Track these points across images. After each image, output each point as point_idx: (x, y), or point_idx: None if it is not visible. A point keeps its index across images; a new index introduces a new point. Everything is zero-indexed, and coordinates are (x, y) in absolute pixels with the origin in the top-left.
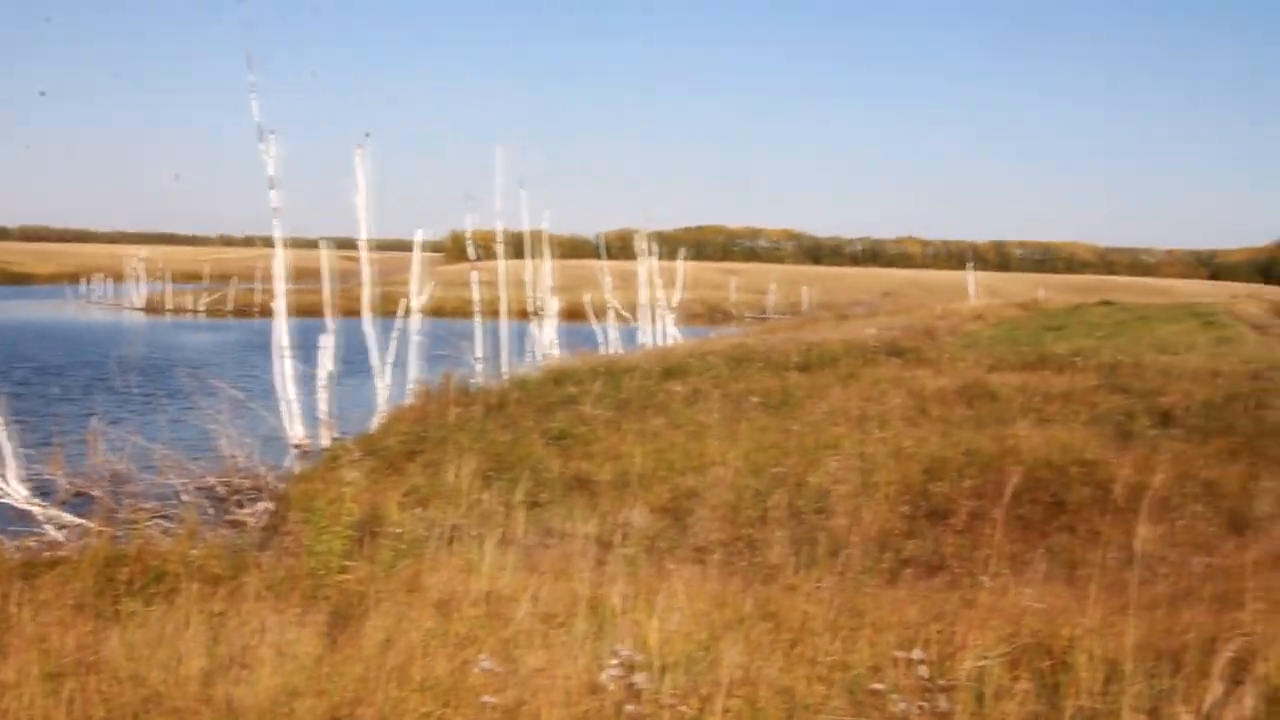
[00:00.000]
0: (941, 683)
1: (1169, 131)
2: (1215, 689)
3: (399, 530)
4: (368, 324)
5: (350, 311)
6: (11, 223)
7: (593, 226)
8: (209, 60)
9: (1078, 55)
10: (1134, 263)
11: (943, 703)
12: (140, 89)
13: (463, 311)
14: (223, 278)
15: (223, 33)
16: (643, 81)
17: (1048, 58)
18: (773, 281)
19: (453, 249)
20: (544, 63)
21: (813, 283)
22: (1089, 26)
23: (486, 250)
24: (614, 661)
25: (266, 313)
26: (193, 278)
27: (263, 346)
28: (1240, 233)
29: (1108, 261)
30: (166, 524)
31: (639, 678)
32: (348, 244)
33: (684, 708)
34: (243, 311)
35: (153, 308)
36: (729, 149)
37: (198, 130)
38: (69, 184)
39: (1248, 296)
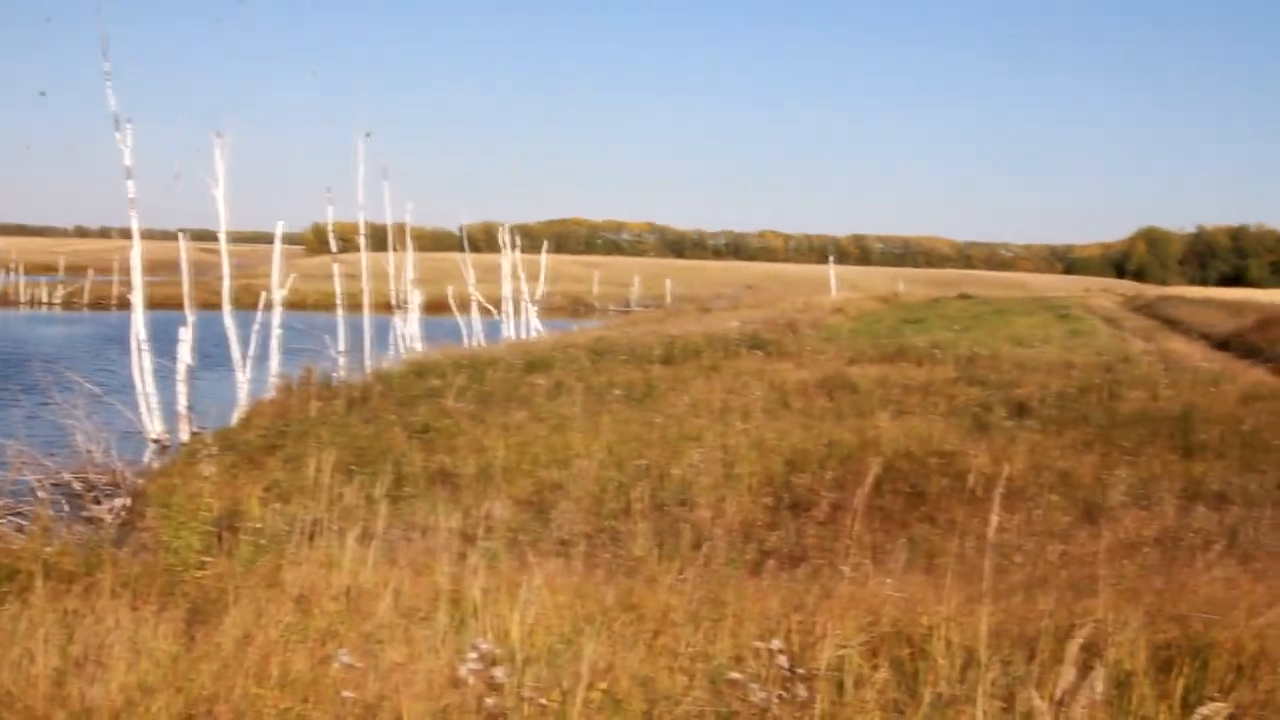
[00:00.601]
0: (801, 672)
1: (1025, 129)
2: (1068, 674)
3: (259, 525)
4: (228, 317)
5: (210, 304)
6: None
7: (455, 219)
8: (61, 46)
9: (934, 54)
10: (991, 257)
11: (802, 692)
12: None
13: (325, 304)
14: (78, 270)
15: (75, 20)
16: (501, 76)
17: (904, 56)
18: (635, 274)
19: (314, 241)
20: (404, 56)
21: (675, 276)
22: (945, 25)
23: (349, 243)
24: (474, 655)
25: (124, 305)
26: (47, 270)
27: (120, 340)
28: (1094, 229)
29: (966, 256)
30: (20, 521)
31: (499, 671)
32: (207, 236)
33: (544, 700)
34: (99, 304)
35: (5, 300)
36: (591, 142)
37: (51, 117)
38: None
39: (1100, 290)
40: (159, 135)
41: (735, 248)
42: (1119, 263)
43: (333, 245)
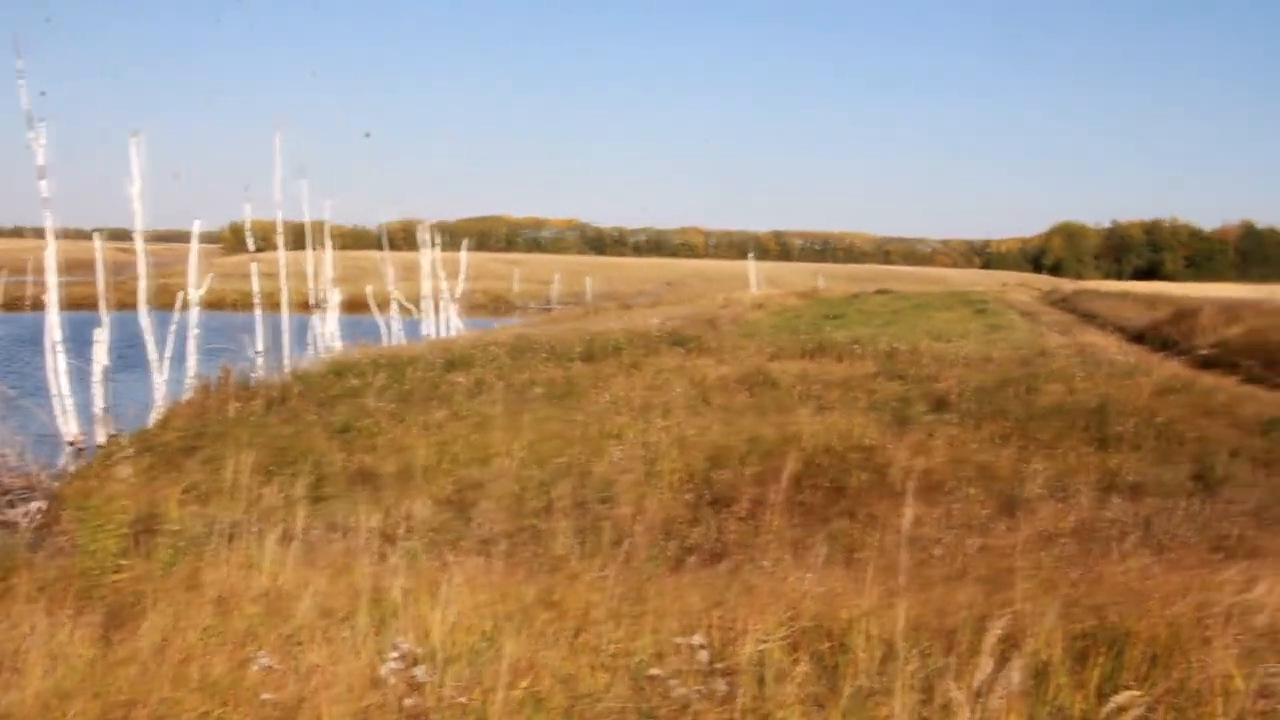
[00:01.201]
0: (722, 667)
1: (942, 125)
2: (985, 665)
3: (177, 528)
4: (144, 317)
5: (126, 304)
6: None
7: (374, 217)
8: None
9: (852, 50)
10: (911, 252)
11: (723, 686)
12: None
13: (243, 304)
14: None
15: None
16: (420, 72)
17: (822, 52)
18: (556, 272)
19: (232, 240)
20: (324, 52)
21: (596, 273)
22: (864, 20)
23: (266, 241)
24: (395, 655)
25: (38, 306)
26: None
27: (34, 341)
28: (1012, 224)
29: (885, 251)
30: None
31: (420, 670)
32: (123, 235)
33: (464, 699)
34: (13, 305)
35: None
36: (511, 140)
37: None
38: None
39: (1018, 285)
40: (73, 134)
41: (656, 244)
42: (1036, 257)
43: (250, 244)
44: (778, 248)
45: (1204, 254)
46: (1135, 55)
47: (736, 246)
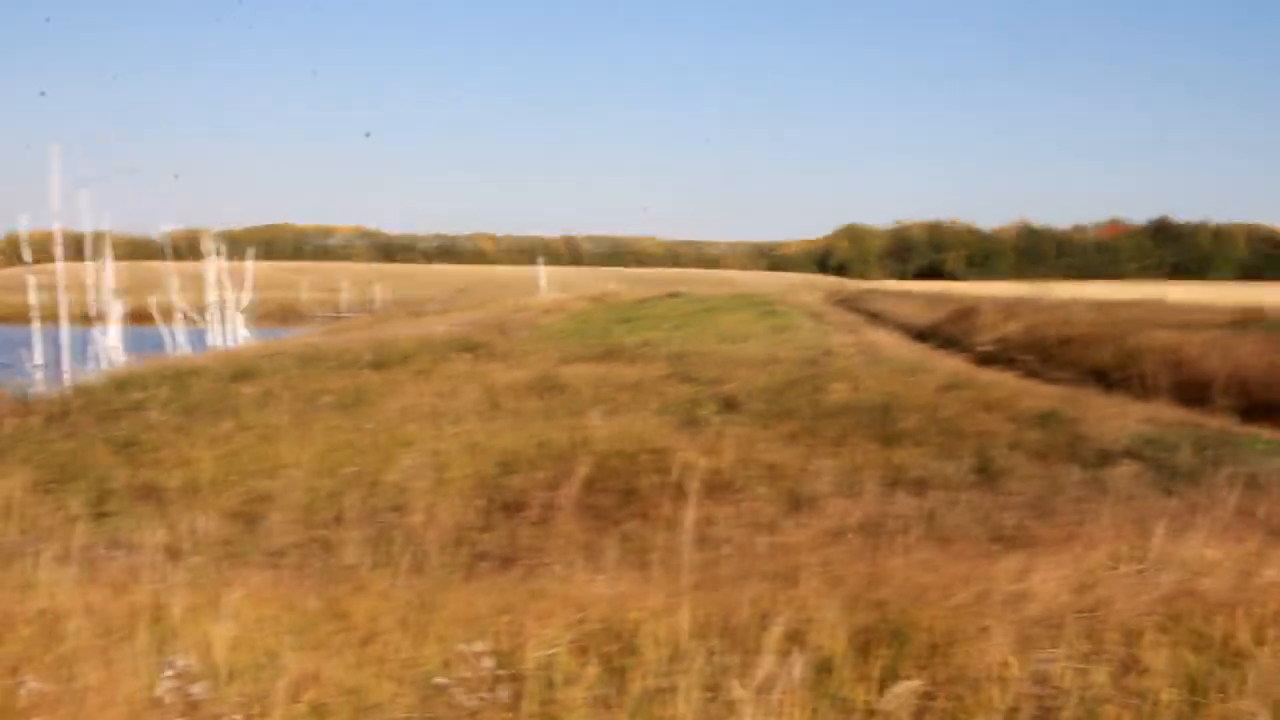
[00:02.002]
0: (508, 673)
1: (729, 127)
2: (768, 662)
3: None
4: None
5: None
6: None
7: (157, 226)
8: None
9: (635, 54)
10: (700, 255)
11: (508, 693)
12: None
13: (19, 317)
14: None
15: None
16: (203, 74)
17: (604, 53)
18: (345, 280)
19: (7, 251)
20: (101, 57)
21: (386, 280)
22: (648, 25)
23: (44, 252)
24: (171, 673)
25: None
26: None
27: None
28: (798, 226)
29: (675, 255)
30: None
31: (198, 688)
32: None
33: (244, 716)
34: None
35: None
36: (294, 146)
37: None
38: None
39: (805, 286)
40: None
41: (447, 251)
42: (823, 258)
43: (26, 255)
44: (568, 252)
45: (984, 253)
46: (916, 59)
47: (527, 252)
